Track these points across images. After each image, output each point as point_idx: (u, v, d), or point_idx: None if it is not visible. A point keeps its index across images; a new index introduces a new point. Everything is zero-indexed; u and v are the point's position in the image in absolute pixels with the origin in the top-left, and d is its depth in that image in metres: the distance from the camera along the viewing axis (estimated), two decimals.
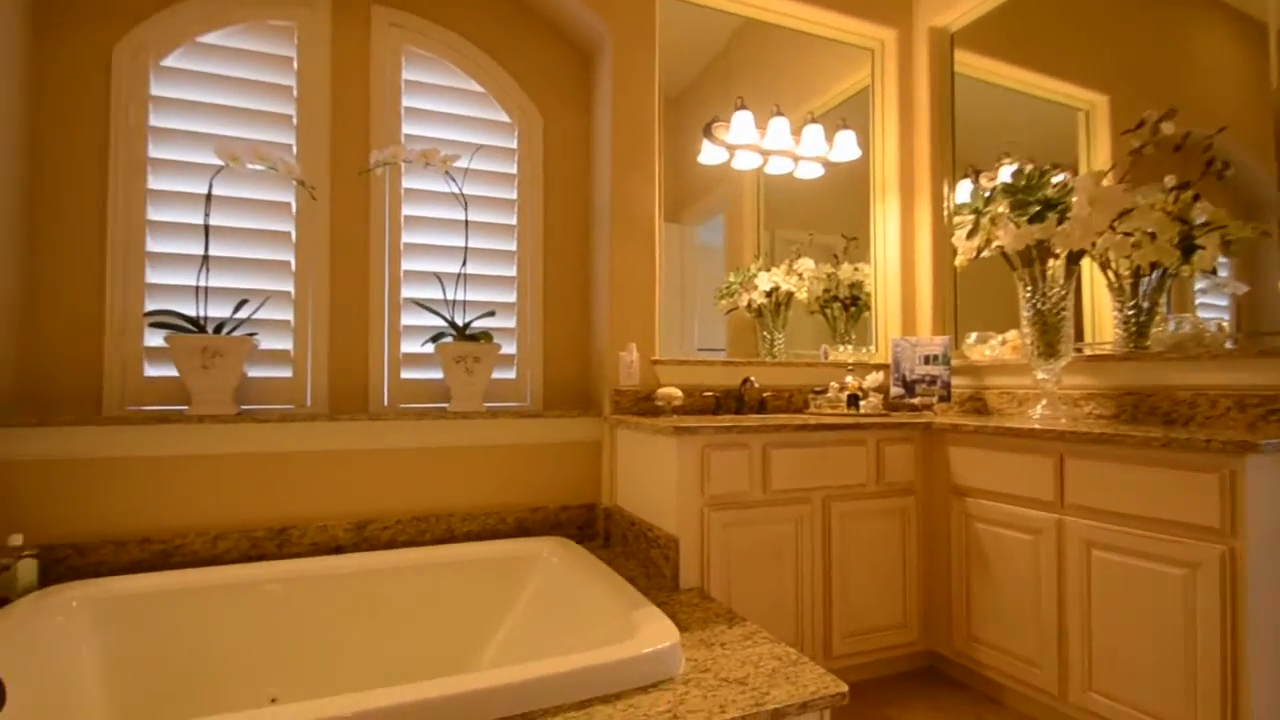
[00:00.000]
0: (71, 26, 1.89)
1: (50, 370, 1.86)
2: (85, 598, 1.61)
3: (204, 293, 1.95)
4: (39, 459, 1.75)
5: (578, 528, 2.30)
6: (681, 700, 1.19)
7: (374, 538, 2.04)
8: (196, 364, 1.85)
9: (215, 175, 1.95)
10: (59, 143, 1.88)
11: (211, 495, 1.89)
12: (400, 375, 2.20)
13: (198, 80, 1.99)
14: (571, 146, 2.46)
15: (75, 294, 1.88)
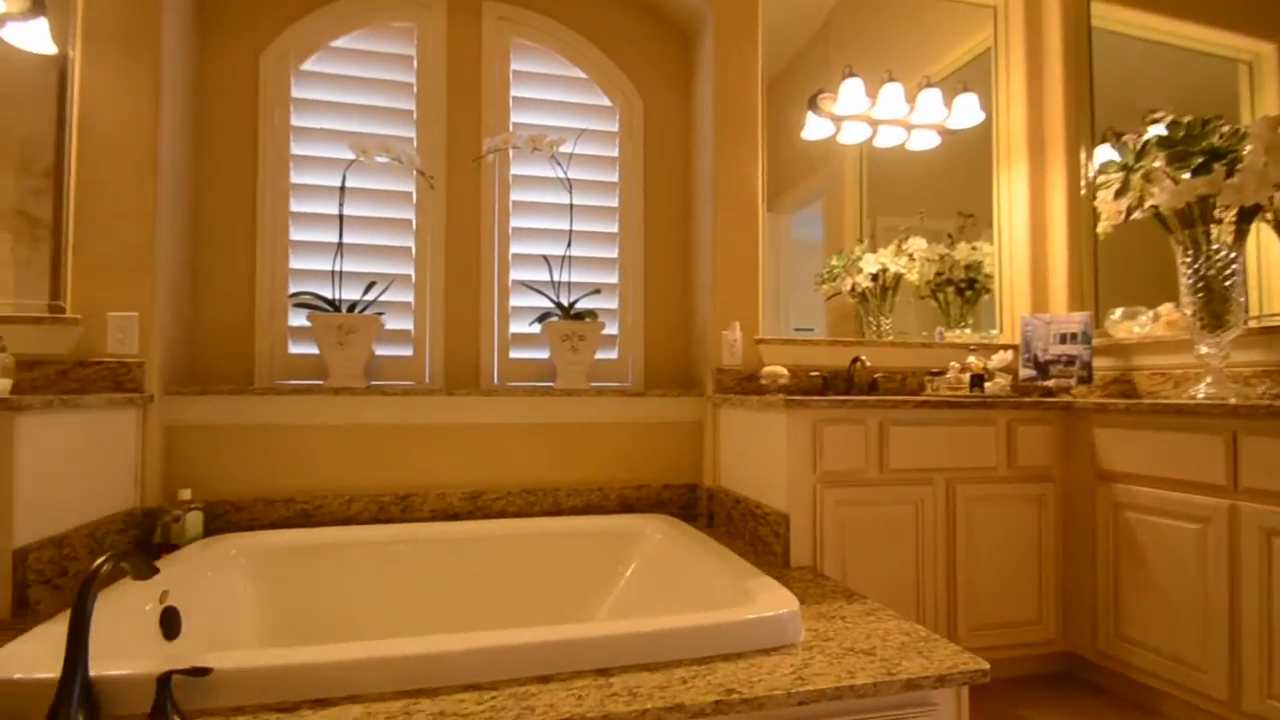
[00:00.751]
0: (226, 39, 2.14)
1: (211, 347, 2.11)
2: (243, 547, 1.82)
3: (338, 277, 2.14)
4: (202, 424, 1.99)
5: (679, 507, 2.32)
6: (805, 664, 1.18)
7: (487, 507, 2.16)
8: (333, 340, 2.04)
9: (348, 168, 2.14)
10: (217, 147, 2.13)
11: (345, 462, 2.07)
12: (509, 354, 2.32)
13: (331, 82, 2.20)
14: (671, 127, 2.50)
15: (231, 281, 2.12)
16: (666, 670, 1.15)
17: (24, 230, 1.99)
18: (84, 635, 0.99)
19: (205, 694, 1.02)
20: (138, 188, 1.89)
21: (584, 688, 1.08)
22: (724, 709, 1.05)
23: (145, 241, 1.89)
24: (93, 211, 1.86)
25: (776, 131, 2.45)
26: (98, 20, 1.88)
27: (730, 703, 1.05)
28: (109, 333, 1.86)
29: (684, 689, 1.08)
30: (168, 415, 1.95)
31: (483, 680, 1.10)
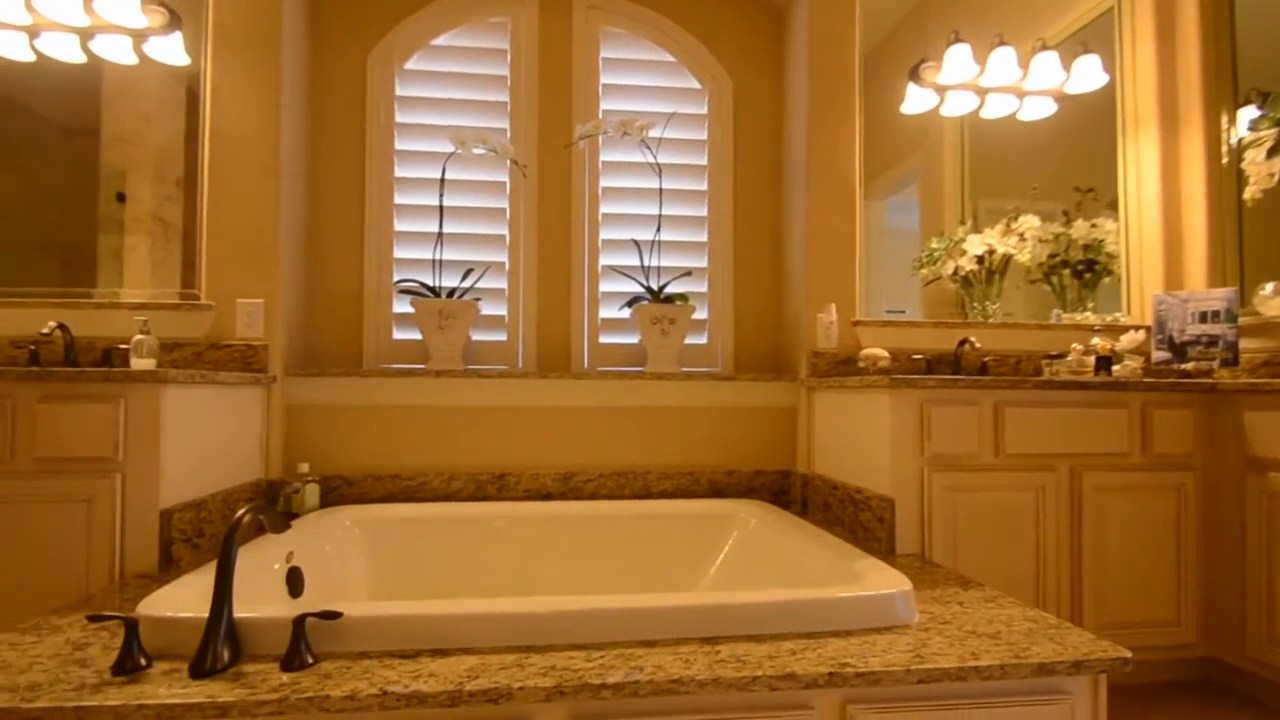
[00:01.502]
0: (336, 43, 2.30)
1: (324, 332, 2.27)
2: (356, 518, 1.94)
3: (439, 265, 2.25)
4: (318, 404, 2.14)
5: (772, 493, 2.29)
6: (924, 644, 1.13)
7: (578, 488, 2.21)
8: (434, 324, 2.14)
9: (447, 160, 2.24)
10: (329, 144, 2.29)
11: (446, 441, 2.17)
12: (599, 339, 2.36)
13: (431, 78, 2.32)
14: (761, 107, 2.47)
15: (341, 269, 2.28)
16: (774, 642, 1.13)
17: (159, 234, 2.21)
18: (229, 578, 1.09)
19: (334, 638, 1.10)
20: (261, 185, 2.06)
21: (690, 653, 1.09)
22: (837, 681, 1.03)
23: (269, 234, 2.05)
24: (223, 208, 2.05)
25: (868, 112, 2.37)
26: (225, 32, 2.07)
27: (844, 675, 1.03)
28: (238, 318, 2.03)
29: (794, 660, 1.06)
30: (288, 394, 2.11)
31: (589, 641, 1.13)
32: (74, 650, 1.12)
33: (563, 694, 0.99)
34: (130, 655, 1.03)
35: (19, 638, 1.17)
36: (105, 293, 2.08)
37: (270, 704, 0.95)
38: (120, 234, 2.18)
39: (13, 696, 0.94)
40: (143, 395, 1.53)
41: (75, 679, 1.00)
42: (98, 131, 2.15)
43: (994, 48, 2.30)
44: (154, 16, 2.02)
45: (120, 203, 2.23)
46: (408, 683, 0.99)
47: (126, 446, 1.53)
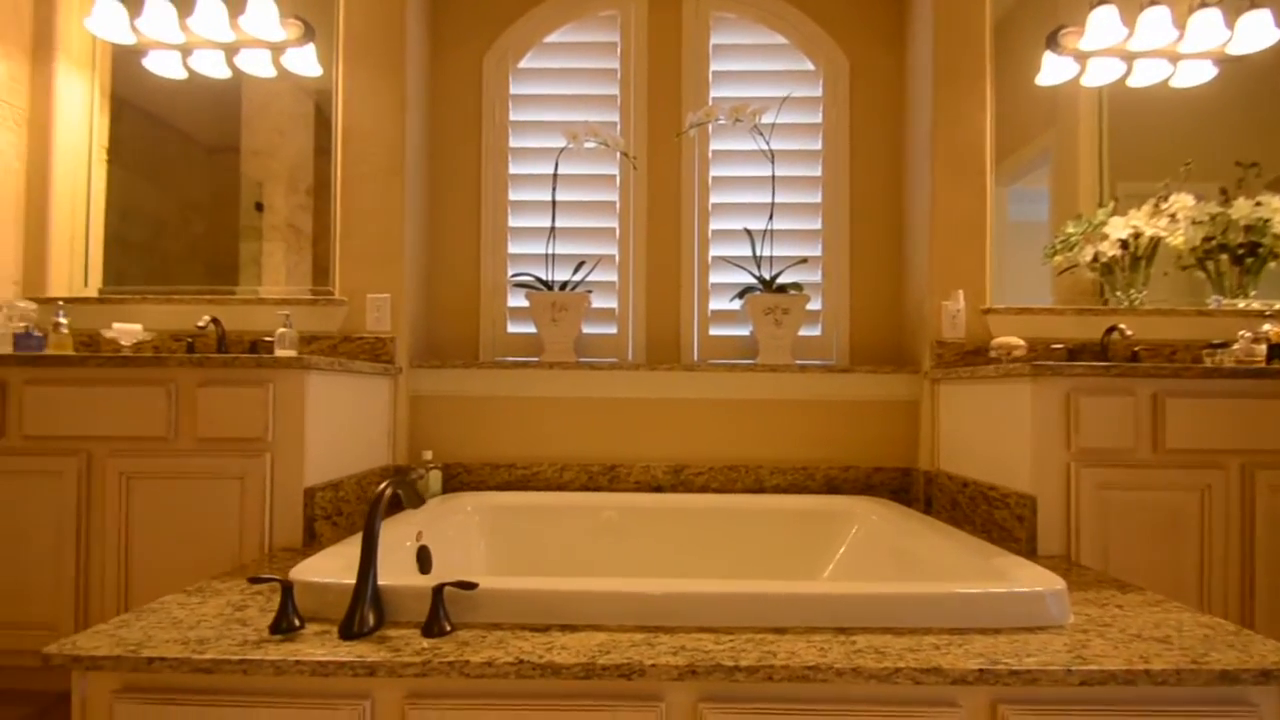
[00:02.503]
0: (453, 46, 2.43)
1: (443, 325, 2.39)
2: (476, 504, 2.03)
3: (551, 259, 2.32)
4: (439, 394, 2.26)
5: (892, 491, 2.20)
6: (1083, 645, 1.05)
7: (689, 481, 2.21)
8: (547, 317, 2.21)
9: (559, 155, 2.32)
10: (447, 145, 2.42)
11: (558, 432, 2.24)
12: (709, 331, 2.36)
13: (544, 76, 2.41)
14: (880, 85, 2.39)
15: (459, 265, 2.40)
16: (914, 636, 1.09)
17: (292, 240, 2.41)
18: (374, 547, 1.17)
19: (470, 608, 1.15)
20: (387, 186, 2.20)
21: (824, 642, 1.06)
22: (988, 678, 0.97)
23: (395, 233, 2.19)
24: (353, 208, 2.21)
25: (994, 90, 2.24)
26: (355, 42, 2.23)
27: (996, 672, 0.97)
28: (368, 312, 2.19)
29: (938, 654, 1.01)
30: (412, 385, 2.25)
31: (718, 625, 1.12)
32: (235, 611, 1.24)
33: (695, 674, 0.99)
34: (286, 616, 1.13)
35: (186, 598, 1.31)
36: (246, 290, 2.30)
37: (414, 666, 1.00)
38: (259, 240, 2.40)
39: (185, 648, 1.04)
40: (289, 380, 1.68)
41: (238, 635, 1.11)
42: (238, 148, 2.37)
43: (1145, 7, 2.11)
44: (291, 29, 2.22)
45: (258, 212, 2.45)
46: (541, 654, 1.02)
47: (275, 428, 1.68)
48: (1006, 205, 2.27)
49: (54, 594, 1.66)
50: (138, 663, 1.01)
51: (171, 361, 1.65)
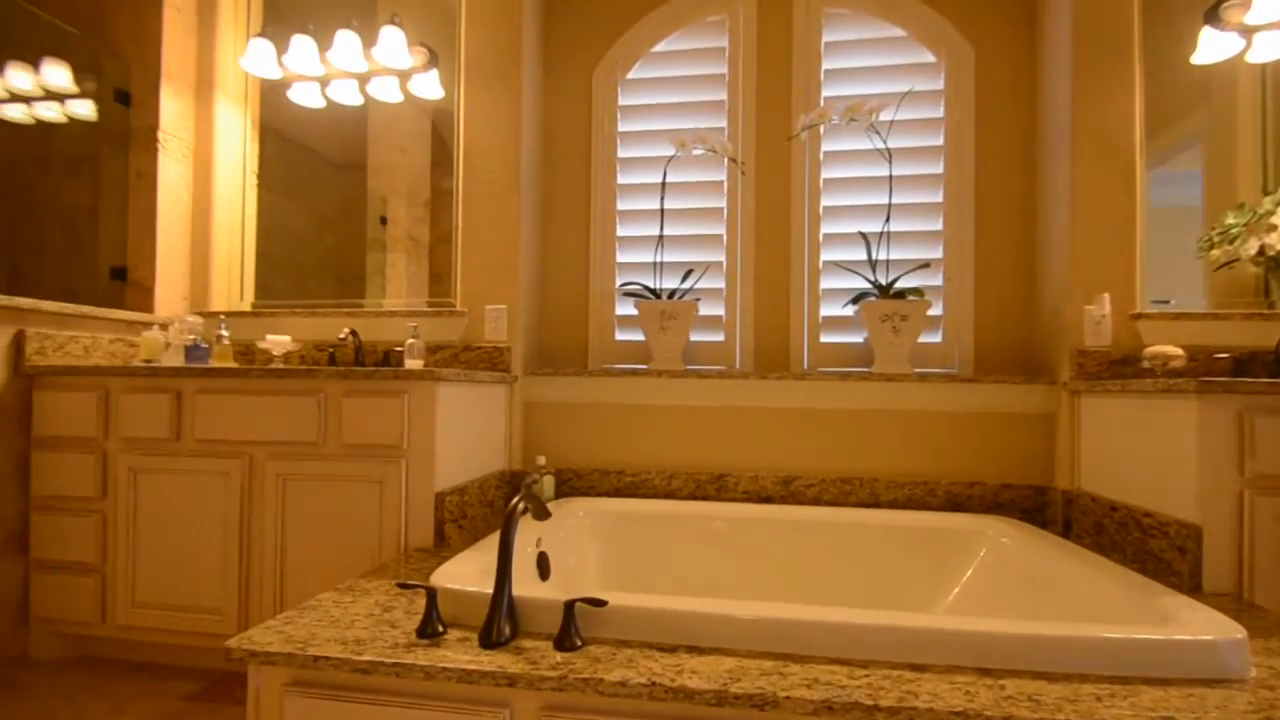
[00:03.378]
0: (564, 64, 2.48)
1: (553, 334, 2.46)
2: (588, 510, 2.08)
3: (659, 268, 2.33)
4: (551, 401, 2.33)
5: (1023, 511, 2.05)
6: (1272, 705, 0.94)
7: (799, 493, 2.16)
8: (656, 326, 2.23)
9: (668, 164, 2.32)
10: (558, 158, 2.48)
11: (666, 440, 2.25)
12: (820, 338, 2.29)
13: (652, 85, 2.41)
14: (1008, 74, 2.23)
15: (568, 275, 2.46)
16: (1069, 684, 1.01)
17: (411, 250, 2.55)
18: (509, 560, 1.22)
19: (599, 624, 1.18)
20: (504, 203, 2.28)
21: (969, 684, 1.00)
22: None
23: (511, 246, 2.28)
24: (473, 223, 2.31)
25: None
26: (474, 65, 2.33)
27: None
28: (486, 323, 2.28)
29: (1101, 707, 0.93)
30: (526, 392, 2.33)
31: (851, 657, 1.09)
32: (383, 612, 1.33)
33: (831, 710, 0.96)
34: (431, 622, 1.20)
35: (339, 597, 1.42)
36: (373, 303, 2.46)
37: (551, 680, 1.04)
38: (383, 252, 2.56)
39: (344, 648, 1.13)
40: (422, 391, 1.78)
41: (389, 638, 1.18)
42: (364, 164, 2.54)
43: None
44: (418, 56, 2.34)
45: (383, 225, 2.62)
46: (673, 676, 1.03)
47: (410, 436, 1.78)
48: (1147, 192, 2.06)
49: (220, 581, 1.85)
50: (305, 660, 1.11)
51: (321, 374, 1.79)
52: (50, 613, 1.92)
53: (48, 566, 1.92)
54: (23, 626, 1.94)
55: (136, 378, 1.88)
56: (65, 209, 2.56)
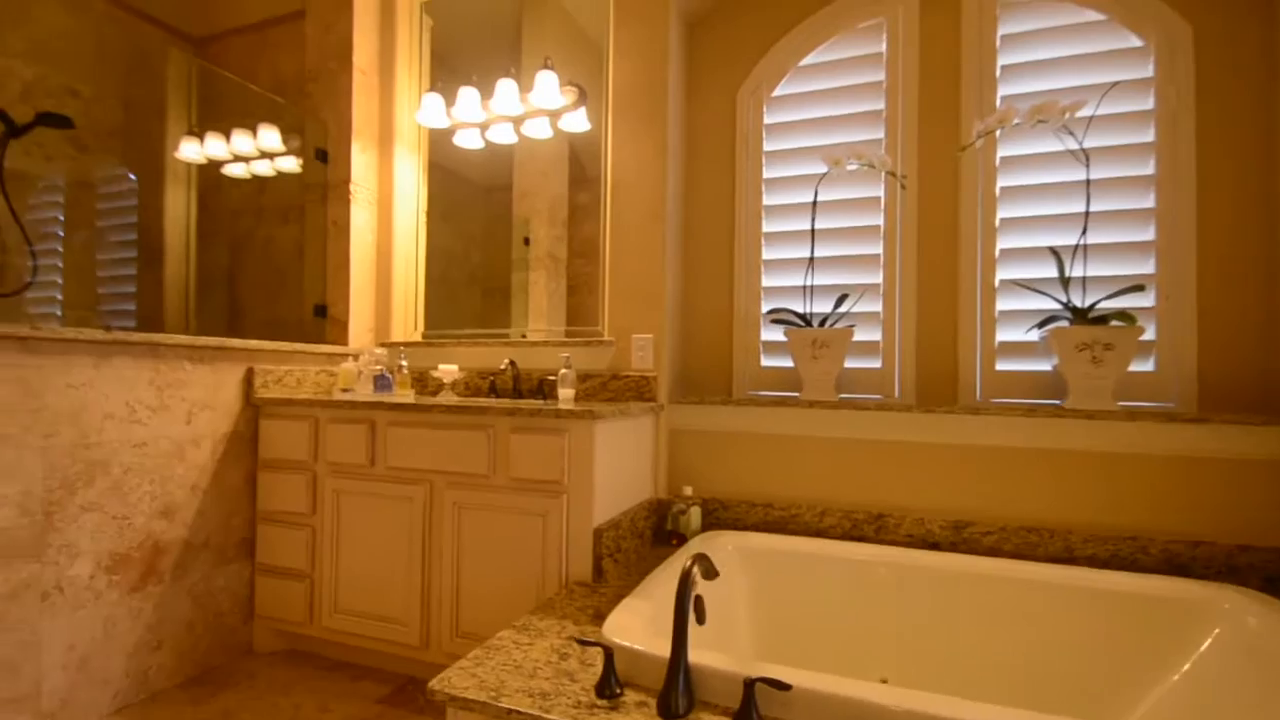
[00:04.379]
0: (707, 87, 2.34)
1: (696, 361, 2.34)
2: (736, 544, 1.95)
3: (809, 291, 2.14)
4: (696, 429, 2.21)
5: (1266, 579, 1.64)
6: None
7: (973, 541, 1.88)
8: (807, 354, 2.04)
9: (819, 182, 2.12)
10: (701, 183, 2.35)
11: (818, 474, 2.06)
12: (995, 366, 1.99)
13: (799, 101, 2.21)
14: (1238, 53, 1.79)
15: (712, 300, 2.33)
16: None
17: (551, 268, 2.54)
18: (685, 627, 1.12)
19: (781, 706, 1.05)
20: (650, 233, 2.20)
21: None
22: None
23: (656, 275, 2.19)
24: (620, 252, 2.24)
25: None
26: (621, 99, 2.25)
27: None
28: (633, 352, 2.21)
29: None
30: (672, 420, 2.24)
31: None
32: (559, 659, 1.29)
33: None
34: (609, 684, 1.14)
35: (517, 637, 1.40)
36: (517, 332, 2.48)
37: None
38: (526, 270, 2.59)
39: (532, 702, 1.10)
40: (581, 430, 1.73)
41: (570, 694, 1.14)
42: (510, 186, 2.57)
43: None
44: (569, 95, 2.31)
45: (526, 246, 2.64)
46: None
47: (570, 472, 1.75)
48: None
49: (405, 595, 1.93)
50: (499, 711, 1.10)
51: (491, 411, 1.81)
52: (270, 611, 2.11)
53: (269, 571, 2.12)
54: (249, 620, 2.15)
55: (340, 409, 2.01)
56: (277, 252, 2.83)
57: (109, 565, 1.76)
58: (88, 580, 1.72)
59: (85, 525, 1.71)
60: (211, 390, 2.01)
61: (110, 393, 1.75)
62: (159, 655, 1.89)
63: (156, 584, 1.88)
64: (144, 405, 1.83)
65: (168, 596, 1.91)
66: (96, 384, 1.72)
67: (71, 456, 1.67)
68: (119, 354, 1.76)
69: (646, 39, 2.21)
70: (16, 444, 1.56)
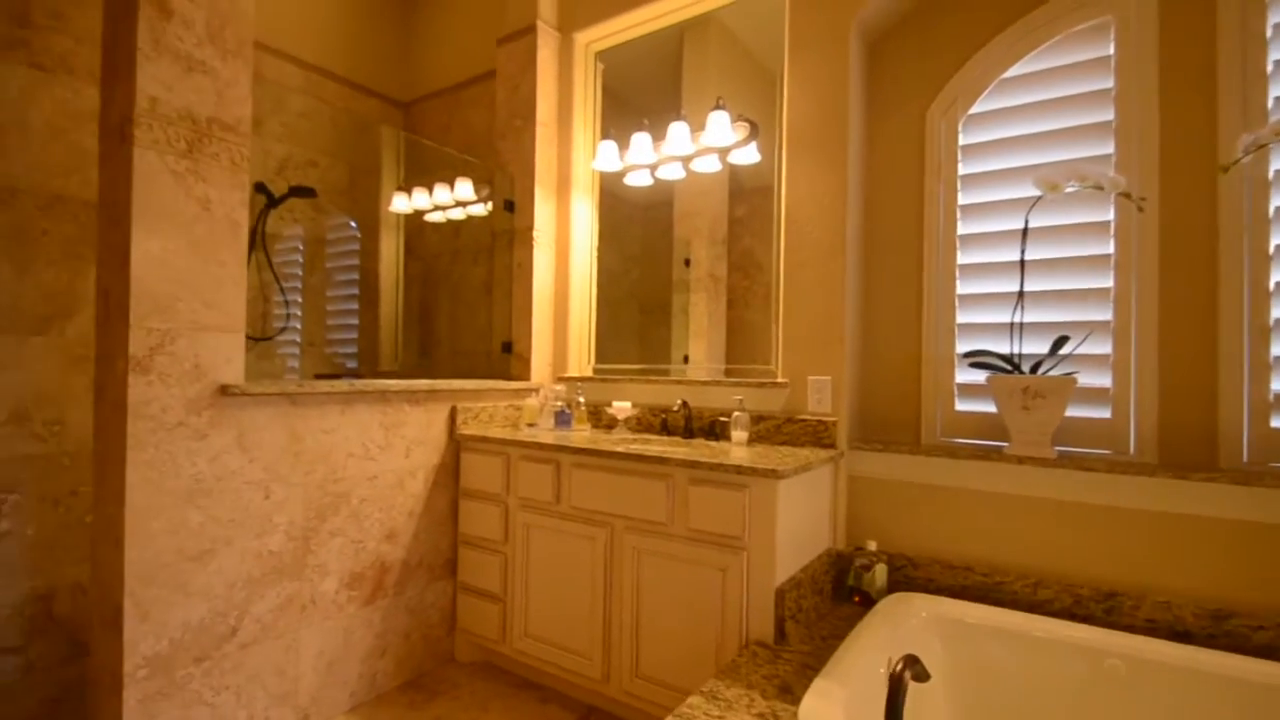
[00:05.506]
0: (891, 111, 2.13)
1: (877, 401, 2.14)
2: (931, 611, 1.74)
3: (1018, 330, 1.86)
4: (879, 478, 2.02)
5: None
6: None
7: (1240, 635, 1.51)
8: (1016, 405, 1.77)
9: (1031, 208, 1.83)
10: (883, 213, 2.14)
11: (1029, 538, 1.79)
12: (1269, 423, 1.58)
13: (1003, 117, 1.93)
14: None
15: (895, 339, 2.11)
16: None
17: (711, 288, 2.46)
18: None
19: None
20: (828, 270, 2.04)
21: None
22: None
23: (836, 315, 2.02)
24: (795, 293, 2.11)
25: None
26: (797, 134, 2.12)
27: None
28: (809, 394, 2.07)
29: None
30: (851, 467, 2.06)
31: None
32: None
33: None
34: None
35: (707, 706, 1.35)
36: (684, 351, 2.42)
37: None
38: (687, 293, 2.53)
39: None
40: (763, 488, 1.64)
41: None
42: (670, 202, 2.54)
43: None
44: (740, 131, 2.22)
45: (686, 267, 2.58)
46: None
47: (750, 529, 1.66)
48: None
49: (587, 630, 1.96)
50: None
51: (671, 461, 1.78)
52: (469, 626, 2.26)
53: (468, 589, 2.27)
54: (452, 633, 2.33)
55: (529, 449, 2.10)
56: (467, 289, 3.06)
57: (348, 582, 1.98)
58: (333, 595, 1.94)
59: (332, 548, 1.93)
60: (424, 427, 2.19)
61: (351, 435, 1.96)
62: (383, 661, 2.10)
63: (383, 598, 2.09)
64: (375, 444, 2.04)
65: (391, 609, 2.11)
66: (341, 428, 1.94)
67: (323, 490, 1.90)
68: (358, 401, 1.98)
69: (824, 69, 2.05)
70: (286, 481, 1.80)
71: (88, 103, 2.12)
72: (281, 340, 2.90)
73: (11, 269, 2.03)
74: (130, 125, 1.50)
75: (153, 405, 1.53)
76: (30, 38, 2.00)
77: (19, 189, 2.00)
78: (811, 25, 2.09)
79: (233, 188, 1.65)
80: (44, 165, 2.04)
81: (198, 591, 1.63)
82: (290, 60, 2.97)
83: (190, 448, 1.59)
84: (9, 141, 1.97)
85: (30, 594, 2.16)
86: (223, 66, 1.63)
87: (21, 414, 2.12)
